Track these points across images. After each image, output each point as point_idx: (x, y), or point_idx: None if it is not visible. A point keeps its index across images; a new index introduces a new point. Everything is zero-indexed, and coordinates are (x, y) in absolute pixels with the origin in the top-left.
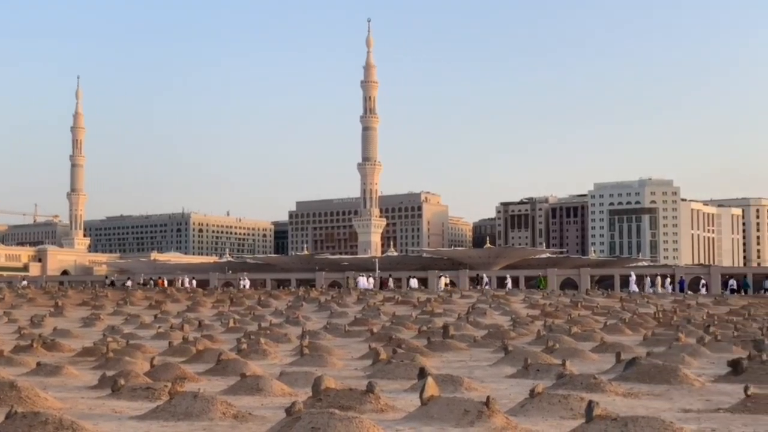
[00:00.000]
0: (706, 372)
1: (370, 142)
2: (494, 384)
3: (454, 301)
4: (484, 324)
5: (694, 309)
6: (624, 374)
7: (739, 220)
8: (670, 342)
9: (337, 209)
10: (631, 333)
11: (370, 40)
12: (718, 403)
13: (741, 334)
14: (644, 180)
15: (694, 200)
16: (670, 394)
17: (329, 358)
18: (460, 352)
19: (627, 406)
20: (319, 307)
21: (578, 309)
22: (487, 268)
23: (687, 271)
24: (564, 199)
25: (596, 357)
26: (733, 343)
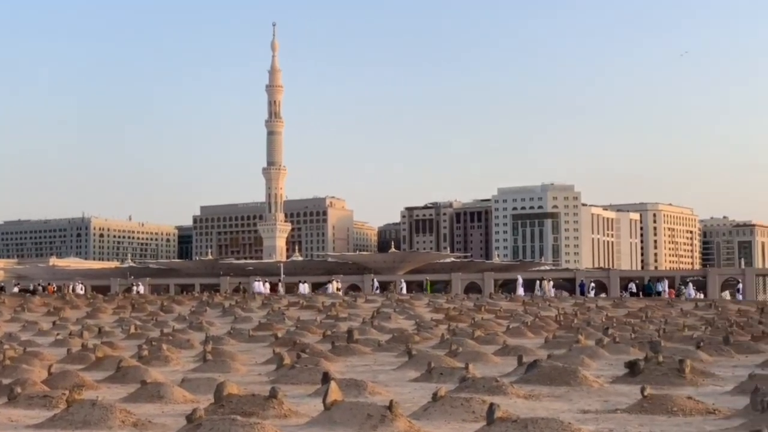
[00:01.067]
0: (604, 373)
1: (275, 146)
2: (398, 388)
3: (358, 305)
4: (388, 328)
5: (594, 312)
6: (525, 376)
7: (637, 224)
8: (570, 344)
9: (241, 214)
10: (533, 336)
11: (275, 44)
12: (616, 404)
13: (638, 336)
14: (547, 185)
15: (595, 205)
16: (570, 395)
17: (233, 364)
18: (364, 356)
19: (528, 408)
20: (223, 313)
21: (482, 313)
22: (392, 273)
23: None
24: (468, 204)
25: (499, 360)
26: (631, 345)
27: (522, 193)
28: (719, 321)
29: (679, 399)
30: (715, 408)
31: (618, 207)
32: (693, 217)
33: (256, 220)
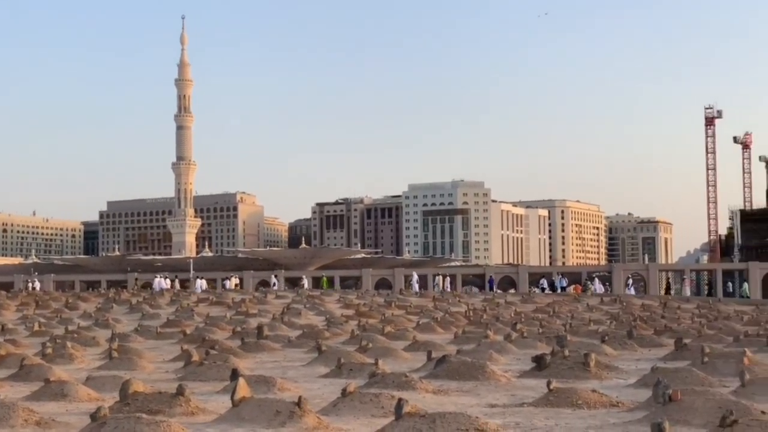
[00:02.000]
0: (512, 368)
1: (185, 141)
2: (307, 384)
3: (269, 301)
4: (298, 324)
5: (503, 307)
6: (434, 372)
7: (545, 221)
8: (479, 340)
9: (150, 209)
10: (442, 331)
11: (185, 38)
12: (523, 398)
13: (545, 331)
14: (457, 181)
15: (504, 201)
16: (478, 390)
17: (139, 362)
18: (274, 352)
19: (436, 403)
20: (130, 309)
21: (392, 309)
22: (303, 269)
23: (497, 271)
24: (379, 200)
25: (408, 356)
26: (538, 340)
27: (432, 190)
28: (624, 316)
29: (584, 392)
30: (619, 401)
31: (527, 204)
32: (599, 214)
33: (165, 215)
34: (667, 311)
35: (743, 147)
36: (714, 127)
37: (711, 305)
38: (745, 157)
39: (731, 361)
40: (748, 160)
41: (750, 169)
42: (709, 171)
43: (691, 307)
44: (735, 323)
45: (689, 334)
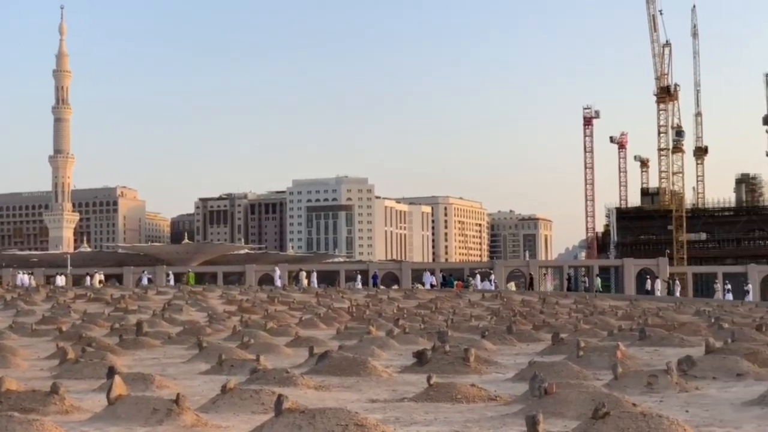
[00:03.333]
0: (394, 363)
1: (63, 134)
2: (187, 381)
3: (149, 297)
4: (179, 320)
5: (385, 303)
6: (316, 367)
7: (428, 217)
8: (361, 335)
9: (26, 203)
10: (325, 327)
11: (63, 28)
12: (403, 393)
13: (427, 327)
14: (341, 178)
15: (388, 198)
16: (360, 385)
17: (13, 359)
18: (153, 349)
19: (318, 399)
20: (4, 306)
21: (275, 304)
22: (186, 264)
23: (380, 266)
24: (263, 196)
25: (291, 351)
26: (420, 335)
27: (316, 186)
28: (504, 311)
29: (463, 387)
30: (497, 394)
31: (410, 200)
32: (482, 211)
33: (41, 209)
34: (546, 307)
35: (619, 147)
36: (592, 126)
37: (588, 301)
38: (621, 156)
39: (605, 354)
40: (624, 160)
41: (626, 168)
42: (587, 170)
43: (568, 302)
44: (610, 318)
45: (566, 329)
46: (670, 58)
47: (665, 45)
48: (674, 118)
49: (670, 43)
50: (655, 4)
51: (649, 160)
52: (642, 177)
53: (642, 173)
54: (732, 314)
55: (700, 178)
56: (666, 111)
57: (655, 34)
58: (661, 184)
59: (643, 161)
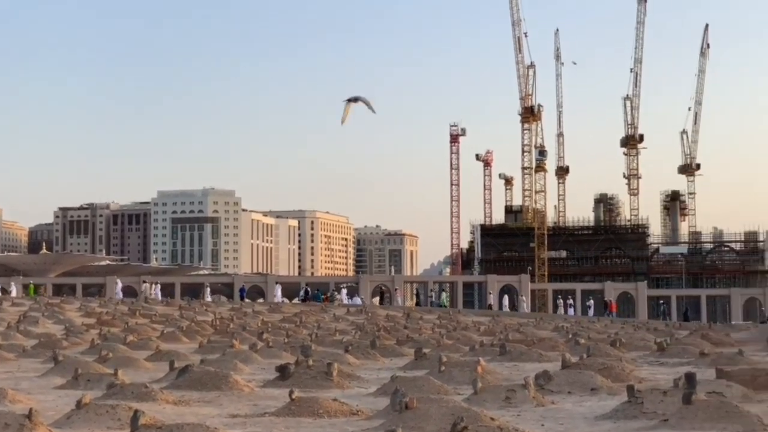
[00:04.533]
0: (256, 377)
1: None
2: (41, 395)
3: (4, 308)
4: (35, 333)
5: (250, 317)
6: (176, 382)
7: (295, 231)
8: (224, 349)
9: None
10: (187, 341)
11: None
12: (265, 408)
13: (291, 341)
14: (207, 189)
15: (255, 211)
16: (221, 400)
17: None
18: (7, 362)
19: (176, 414)
20: None
21: (136, 317)
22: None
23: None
24: (126, 206)
25: (151, 365)
26: (284, 349)
27: (182, 197)
28: (368, 326)
29: (325, 401)
30: (359, 409)
31: (278, 213)
32: (348, 226)
33: None
34: (410, 322)
35: (485, 164)
36: (458, 144)
37: (451, 316)
38: (486, 174)
39: (466, 369)
40: (489, 178)
41: (491, 186)
42: (453, 186)
43: (432, 317)
44: (472, 333)
45: (429, 344)
46: (534, 79)
47: (529, 66)
48: (537, 138)
49: (534, 64)
50: (520, 27)
51: (513, 178)
52: (506, 195)
53: (506, 191)
54: (589, 330)
55: (562, 196)
56: (530, 131)
57: (520, 56)
58: (524, 202)
59: (507, 179)
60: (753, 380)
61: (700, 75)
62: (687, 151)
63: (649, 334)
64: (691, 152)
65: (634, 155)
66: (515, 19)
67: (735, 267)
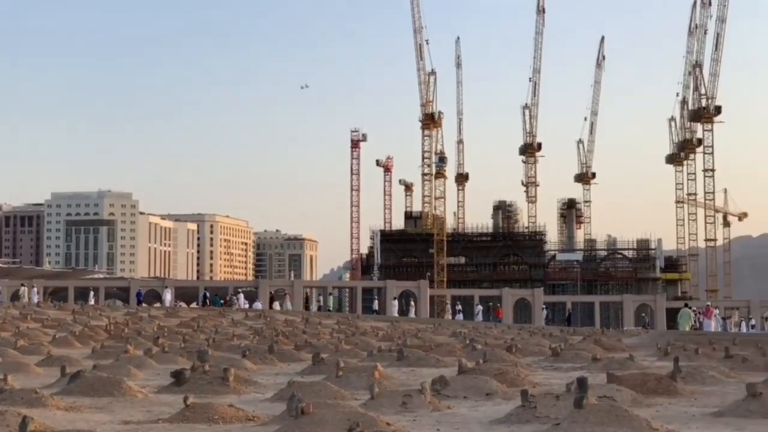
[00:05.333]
0: (150, 383)
1: None
2: None
3: None
4: None
5: (146, 321)
6: (68, 388)
7: (194, 234)
8: (118, 354)
9: None
10: (81, 346)
11: None
12: (159, 414)
13: (188, 345)
14: (104, 191)
15: (153, 214)
16: (113, 406)
17: None
18: None
19: (67, 420)
20: None
21: (27, 321)
22: None
23: (142, 284)
24: (19, 208)
25: (42, 371)
26: (180, 354)
27: (77, 199)
28: (267, 330)
29: (221, 407)
30: (255, 415)
31: (176, 217)
32: (248, 230)
33: None
34: (309, 326)
35: (385, 170)
36: (359, 149)
37: (350, 321)
38: (386, 180)
39: (364, 374)
40: (390, 183)
41: (391, 191)
42: (354, 192)
43: (331, 322)
44: (371, 338)
45: (327, 349)
46: (435, 86)
47: (431, 73)
48: (438, 145)
49: (436, 71)
50: (421, 34)
51: (413, 184)
52: (406, 201)
53: (406, 197)
54: (486, 336)
55: (461, 203)
56: (430, 137)
57: (421, 63)
58: (424, 208)
59: (407, 185)
60: (642, 385)
61: (596, 86)
62: (583, 160)
63: (544, 339)
64: (587, 161)
65: (532, 163)
66: (417, 26)
67: (627, 274)
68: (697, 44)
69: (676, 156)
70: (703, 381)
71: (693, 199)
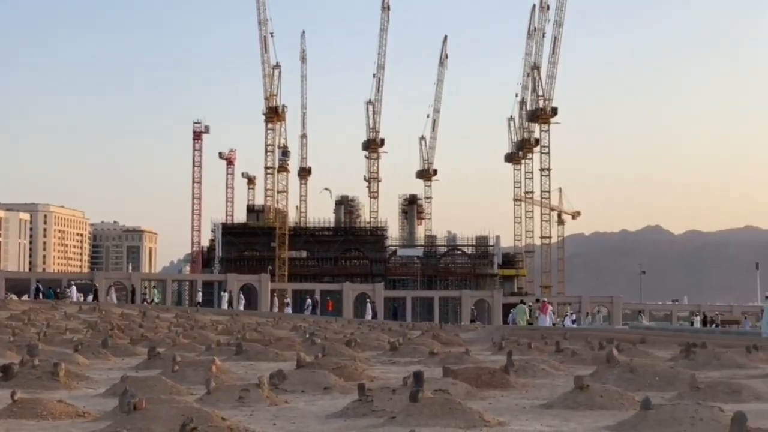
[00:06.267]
0: None
1: None
2: None
3: None
4: None
5: None
6: None
7: (26, 224)
8: None
9: None
10: None
11: None
12: None
13: (17, 339)
14: None
15: None
16: None
17: None
18: None
19: None
20: None
21: None
22: None
23: None
24: None
25: None
26: (9, 348)
27: None
28: (102, 324)
29: (50, 403)
30: (85, 411)
31: (7, 206)
32: (84, 221)
33: None
34: (146, 320)
35: (228, 163)
36: (202, 141)
37: (189, 314)
38: (229, 172)
39: (200, 369)
40: (232, 176)
41: (233, 184)
42: (195, 184)
43: (170, 316)
44: (210, 332)
45: (164, 343)
46: (279, 80)
47: (275, 67)
48: (281, 138)
49: (280, 65)
50: (266, 27)
51: (256, 177)
52: (249, 194)
53: (249, 190)
54: (326, 330)
55: (304, 197)
56: (274, 131)
57: (266, 56)
58: (266, 202)
59: (250, 178)
60: (477, 378)
61: (438, 84)
62: (425, 156)
63: (383, 334)
64: (428, 158)
65: (375, 159)
66: (261, 19)
67: (466, 270)
68: (535, 47)
69: (514, 155)
70: (534, 374)
71: (530, 198)
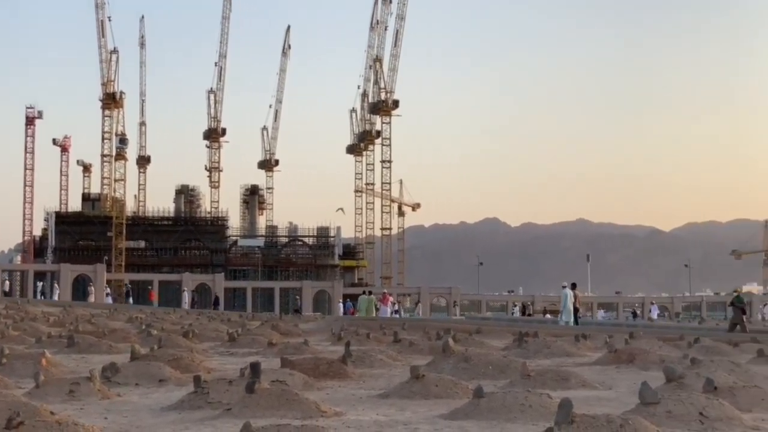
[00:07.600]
0: None
1: None
2: None
3: None
4: None
5: None
6: None
7: None
8: None
9: None
10: None
11: None
12: None
13: None
14: None
15: None
16: None
17: None
18: None
19: None
20: None
21: None
22: None
23: None
24: None
25: None
26: None
27: None
28: None
29: None
30: None
31: None
32: None
33: None
34: None
35: (62, 150)
36: (35, 127)
37: (19, 306)
38: (63, 160)
39: (30, 362)
40: (67, 164)
41: (68, 172)
42: (27, 171)
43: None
44: (41, 324)
45: None
46: (117, 66)
47: (113, 52)
48: (119, 126)
49: (118, 50)
50: (104, 10)
51: (92, 165)
52: (84, 182)
53: (84, 178)
54: (163, 321)
55: (142, 186)
56: (111, 118)
57: (103, 40)
58: (103, 191)
59: (85, 166)
60: (314, 369)
61: (281, 74)
62: (267, 147)
63: (223, 325)
64: (270, 148)
65: (216, 148)
66: (99, 2)
67: (307, 261)
68: (377, 39)
69: (356, 146)
70: (372, 364)
71: (371, 189)
